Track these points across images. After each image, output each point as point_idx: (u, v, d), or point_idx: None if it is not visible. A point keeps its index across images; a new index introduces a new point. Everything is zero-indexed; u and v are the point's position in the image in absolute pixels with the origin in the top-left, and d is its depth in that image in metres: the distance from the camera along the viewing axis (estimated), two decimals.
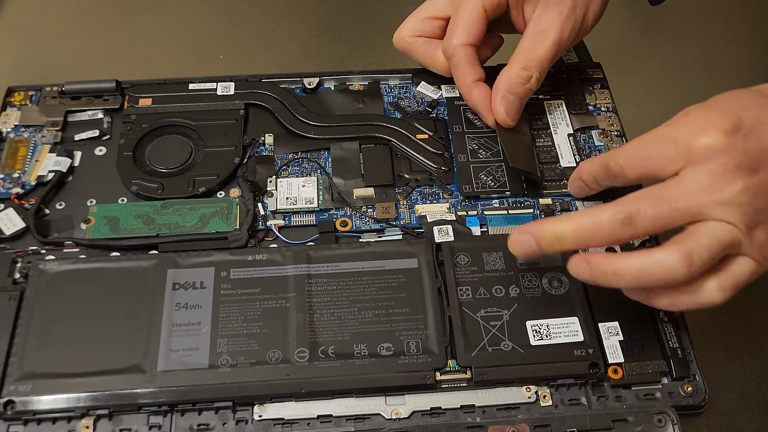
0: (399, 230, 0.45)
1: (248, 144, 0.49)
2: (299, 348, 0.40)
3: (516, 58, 0.46)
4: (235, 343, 0.40)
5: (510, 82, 0.46)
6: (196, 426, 0.38)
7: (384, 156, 0.48)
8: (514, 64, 0.46)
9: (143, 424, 0.38)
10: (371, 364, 0.39)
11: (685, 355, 0.41)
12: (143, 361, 0.39)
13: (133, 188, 0.46)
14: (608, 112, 0.51)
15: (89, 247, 0.44)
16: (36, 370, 0.39)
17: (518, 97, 0.46)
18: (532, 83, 0.46)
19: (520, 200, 0.47)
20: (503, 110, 0.46)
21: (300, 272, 0.42)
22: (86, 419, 0.38)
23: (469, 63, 0.47)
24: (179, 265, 0.42)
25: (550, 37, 0.46)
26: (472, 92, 0.47)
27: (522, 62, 0.46)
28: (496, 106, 0.46)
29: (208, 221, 0.45)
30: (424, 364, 0.40)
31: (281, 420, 0.39)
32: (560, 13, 0.46)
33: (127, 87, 0.51)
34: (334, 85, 0.52)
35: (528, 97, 0.47)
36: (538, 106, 0.51)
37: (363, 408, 0.39)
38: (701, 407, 0.41)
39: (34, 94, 0.51)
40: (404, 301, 0.42)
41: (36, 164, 0.47)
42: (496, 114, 0.47)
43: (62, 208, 0.46)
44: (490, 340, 0.41)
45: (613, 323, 0.41)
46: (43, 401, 0.38)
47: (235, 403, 0.39)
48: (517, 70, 0.46)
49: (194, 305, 0.41)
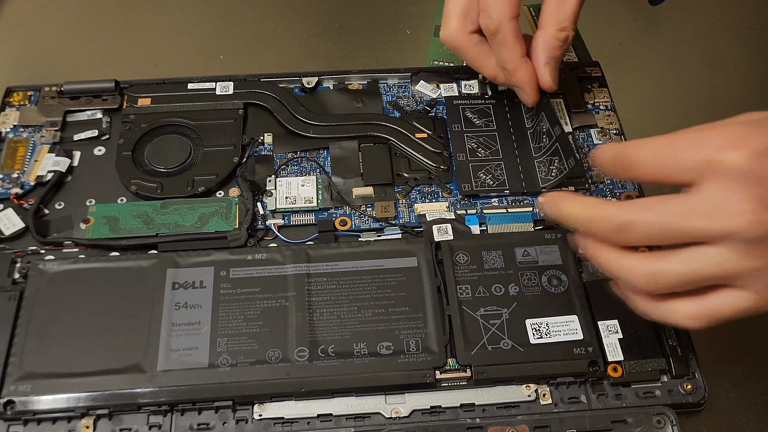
0: (398, 229, 0.45)
1: (247, 143, 0.49)
2: (299, 347, 0.40)
3: (547, 20, 0.44)
4: (234, 343, 0.40)
5: (549, 46, 0.44)
6: (196, 425, 0.38)
7: (383, 155, 0.48)
8: (549, 27, 0.44)
9: (143, 424, 0.38)
10: (371, 363, 0.39)
11: (684, 353, 0.41)
12: (143, 360, 0.39)
13: (132, 188, 0.46)
14: (607, 110, 0.51)
15: (88, 246, 0.44)
16: (36, 370, 0.39)
17: (559, 60, 0.45)
18: (569, 42, 0.45)
19: (519, 198, 0.47)
20: (550, 77, 0.45)
21: (299, 271, 0.42)
22: (86, 419, 0.38)
23: (518, 37, 0.44)
24: (179, 264, 0.42)
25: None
26: (521, 68, 0.44)
27: (556, 23, 0.44)
28: (544, 74, 0.44)
29: (207, 221, 0.45)
30: (424, 363, 0.40)
31: (281, 419, 0.39)
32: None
33: (125, 87, 0.51)
34: (332, 84, 0.52)
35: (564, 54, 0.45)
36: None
37: (363, 407, 0.39)
38: (701, 405, 0.41)
39: (33, 94, 0.51)
40: (404, 299, 0.42)
41: (35, 164, 0.47)
42: (545, 82, 0.45)
43: (61, 208, 0.46)
44: (490, 338, 0.41)
45: (612, 321, 0.42)
46: (43, 401, 0.38)
47: (235, 402, 0.39)
48: (553, 32, 0.44)
49: (194, 305, 0.41)
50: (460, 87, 0.52)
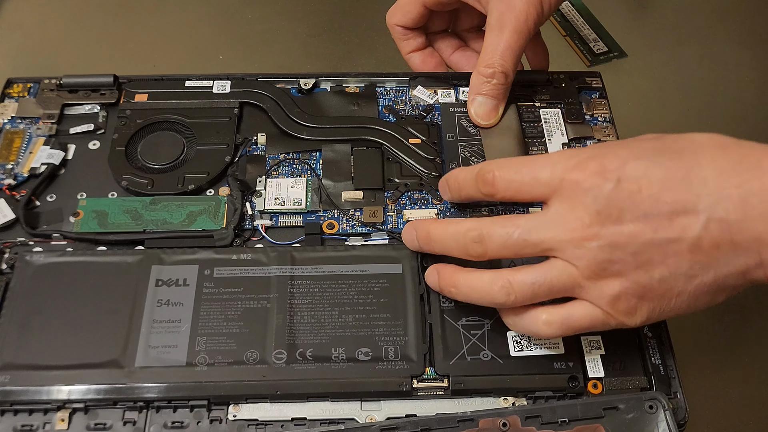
0: (386, 235, 0.45)
1: (240, 143, 0.49)
2: (277, 349, 0.40)
3: (479, 57, 0.47)
4: (213, 342, 0.40)
5: (474, 83, 0.48)
6: (170, 423, 0.38)
7: (375, 159, 0.48)
8: (477, 64, 0.47)
9: (118, 419, 0.38)
10: (348, 369, 0.39)
11: (667, 372, 0.40)
12: (122, 356, 0.39)
13: (123, 183, 0.46)
14: (605, 122, 0.51)
15: (76, 240, 0.44)
16: (15, 361, 0.39)
17: (487, 96, 0.47)
18: (499, 78, 0.46)
19: (510, 209, 0.47)
20: (473, 112, 0.48)
21: (283, 273, 0.42)
22: (62, 412, 0.38)
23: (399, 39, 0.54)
24: (164, 261, 0.43)
25: (508, 26, 0.46)
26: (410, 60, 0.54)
27: (482, 61, 0.47)
28: (468, 108, 0.48)
29: (195, 219, 0.45)
30: (402, 371, 0.39)
31: (255, 421, 0.39)
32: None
33: (124, 82, 0.51)
34: (330, 86, 0.52)
35: (501, 92, 0.47)
36: (534, 114, 0.51)
37: (338, 412, 0.39)
38: (682, 425, 0.40)
39: (33, 87, 0.51)
40: (386, 306, 0.41)
41: (29, 156, 0.47)
42: (471, 116, 0.48)
43: (53, 201, 0.46)
44: (470, 349, 0.40)
45: (595, 337, 0.41)
46: (21, 392, 0.38)
47: (210, 402, 0.39)
48: (480, 69, 0.47)
49: (176, 302, 0.41)
50: (458, 93, 0.52)
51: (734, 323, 0.38)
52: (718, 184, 0.32)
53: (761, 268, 0.33)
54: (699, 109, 0.54)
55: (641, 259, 0.34)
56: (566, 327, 0.36)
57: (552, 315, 0.36)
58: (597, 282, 0.35)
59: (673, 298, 0.34)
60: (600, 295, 0.35)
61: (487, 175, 0.38)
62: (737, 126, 0.55)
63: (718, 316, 0.47)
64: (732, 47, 0.58)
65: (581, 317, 0.36)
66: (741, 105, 0.52)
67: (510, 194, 0.37)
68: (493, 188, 0.38)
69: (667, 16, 0.61)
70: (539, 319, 0.37)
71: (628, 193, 0.34)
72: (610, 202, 0.34)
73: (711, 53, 0.58)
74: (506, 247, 0.36)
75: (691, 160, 0.34)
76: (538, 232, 0.35)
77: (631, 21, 0.61)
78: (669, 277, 0.34)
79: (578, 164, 0.35)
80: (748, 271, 0.33)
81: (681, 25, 0.60)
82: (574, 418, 0.38)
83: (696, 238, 0.33)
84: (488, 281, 0.37)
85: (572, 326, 0.36)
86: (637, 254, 0.34)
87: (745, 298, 0.48)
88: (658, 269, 0.34)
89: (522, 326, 0.38)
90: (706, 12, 0.61)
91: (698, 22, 0.60)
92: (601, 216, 0.34)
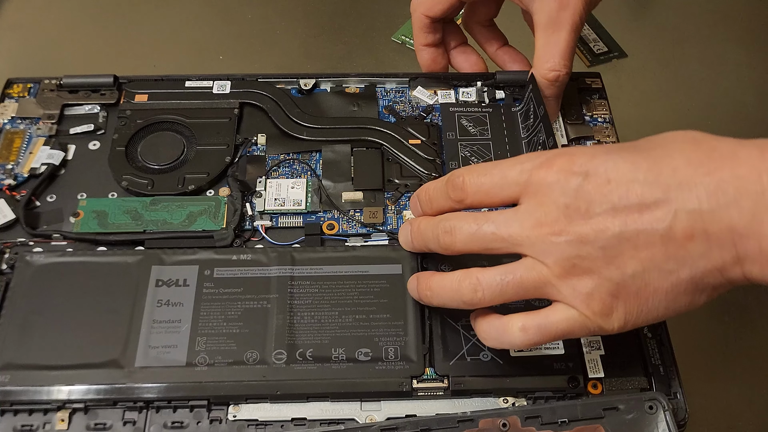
0: (386, 235, 0.45)
1: (240, 143, 0.49)
2: (277, 350, 0.40)
3: (537, 61, 0.46)
4: (213, 342, 0.40)
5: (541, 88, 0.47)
6: (170, 423, 0.38)
7: (375, 160, 0.48)
8: (536, 65, 0.46)
9: (118, 419, 0.38)
10: (348, 369, 0.39)
11: (667, 372, 0.40)
12: (121, 356, 0.39)
13: (123, 183, 0.46)
14: (605, 123, 0.51)
15: (76, 240, 0.44)
16: (15, 360, 0.39)
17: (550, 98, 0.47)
18: (563, 80, 0.46)
19: None
20: None
21: (283, 274, 0.42)
22: (62, 412, 0.38)
23: (421, 29, 0.52)
24: (164, 262, 0.43)
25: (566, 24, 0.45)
26: (419, 53, 0.53)
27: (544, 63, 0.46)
28: None
29: (195, 219, 0.45)
30: (402, 371, 0.39)
31: (255, 421, 0.39)
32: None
33: (124, 82, 0.51)
34: (330, 87, 0.52)
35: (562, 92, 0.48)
36: None
37: (338, 412, 0.39)
38: (682, 425, 0.40)
39: (33, 87, 0.51)
40: (385, 306, 0.41)
41: (29, 156, 0.47)
42: None
43: (53, 201, 0.46)
44: (470, 349, 0.40)
45: (595, 337, 0.41)
46: (21, 392, 0.38)
47: (210, 402, 0.39)
48: (542, 72, 0.46)
49: (176, 302, 0.41)
50: (458, 94, 0.52)
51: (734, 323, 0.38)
52: (688, 174, 0.31)
53: (738, 265, 0.31)
54: (699, 109, 0.55)
55: (611, 253, 0.32)
56: (543, 332, 0.35)
57: (528, 320, 0.35)
58: (568, 280, 0.33)
59: (649, 296, 0.33)
60: (573, 294, 0.34)
61: (457, 180, 0.37)
62: (737, 126, 0.55)
63: (718, 316, 0.47)
64: (732, 47, 0.58)
65: (558, 321, 0.34)
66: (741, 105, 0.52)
67: (480, 197, 0.37)
68: (463, 192, 0.37)
69: (667, 16, 0.61)
70: (515, 325, 0.35)
71: (595, 187, 0.33)
72: (578, 196, 0.33)
73: (711, 53, 0.58)
74: (475, 239, 0.36)
75: (662, 153, 0.33)
76: (508, 226, 0.35)
77: (631, 21, 0.61)
78: (642, 272, 0.32)
79: (546, 161, 0.34)
80: (725, 267, 0.32)
81: (681, 25, 0.60)
82: (574, 418, 0.38)
83: (668, 229, 0.31)
84: (457, 279, 0.36)
85: (550, 331, 0.35)
86: (606, 249, 0.32)
87: (745, 298, 0.48)
88: (630, 264, 0.32)
89: (496, 335, 0.36)
90: (706, 12, 0.61)
91: (698, 22, 0.60)
92: (569, 210, 0.33)
